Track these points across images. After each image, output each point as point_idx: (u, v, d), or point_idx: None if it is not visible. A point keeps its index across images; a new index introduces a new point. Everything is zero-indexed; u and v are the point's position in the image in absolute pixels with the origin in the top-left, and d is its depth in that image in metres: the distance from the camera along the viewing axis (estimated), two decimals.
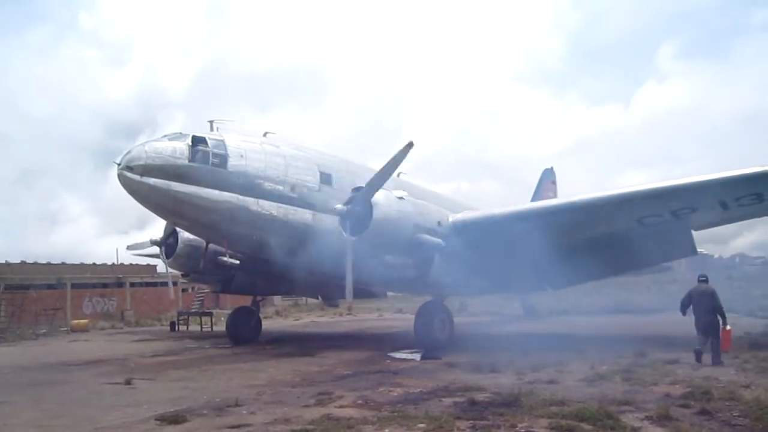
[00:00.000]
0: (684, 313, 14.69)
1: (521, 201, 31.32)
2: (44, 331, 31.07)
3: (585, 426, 7.78)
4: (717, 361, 13.35)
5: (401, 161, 15.77)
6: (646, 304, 38.10)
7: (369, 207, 15.58)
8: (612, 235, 17.87)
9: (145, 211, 18.01)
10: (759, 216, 17.90)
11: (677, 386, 10.61)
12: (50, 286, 39.56)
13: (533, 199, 35.15)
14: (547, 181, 38.52)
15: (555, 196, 35.91)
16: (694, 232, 17.93)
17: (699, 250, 19.21)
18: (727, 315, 14.04)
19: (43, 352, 22.06)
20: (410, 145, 15.34)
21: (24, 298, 34.94)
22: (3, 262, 41.70)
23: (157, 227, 23.16)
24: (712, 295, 14.09)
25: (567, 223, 17.31)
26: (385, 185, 17.38)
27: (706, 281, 14.55)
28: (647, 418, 8.20)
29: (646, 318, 28.81)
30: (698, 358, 13.45)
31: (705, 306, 13.98)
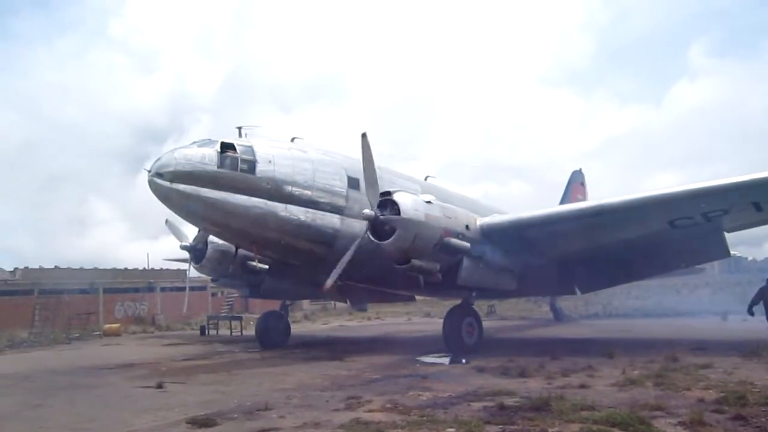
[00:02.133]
0: (751, 312, 17.29)
1: (549, 203, 31.16)
2: (77, 335, 31.57)
3: (616, 431, 7.70)
4: None
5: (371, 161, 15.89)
6: (678, 307, 37.57)
7: (396, 211, 15.60)
8: (642, 238, 17.67)
9: (174, 217, 18.24)
10: None
11: (711, 391, 10.43)
12: (83, 291, 40.16)
13: (562, 201, 34.90)
14: (576, 182, 38.21)
15: (584, 197, 35.63)
16: (726, 234, 17.67)
17: (732, 252, 18.94)
18: (761, 319, 14.15)
19: (76, 355, 22.42)
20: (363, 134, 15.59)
21: (57, 302, 35.52)
22: (37, 267, 42.52)
23: (188, 232, 23.42)
24: None
25: (596, 226, 17.18)
26: (413, 189, 17.43)
27: None
28: (680, 423, 8.08)
29: (677, 321, 28.38)
30: None
31: None
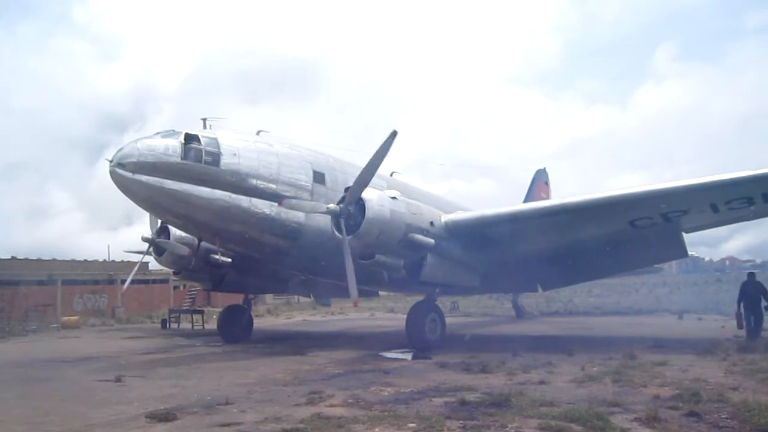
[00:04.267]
0: (740, 308, 18.76)
1: (515, 202, 31.44)
2: (34, 327, 30.94)
3: (575, 427, 7.82)
4: (756, 335, 17.76)
5: (387, 153, 15.52)
6: (636, 305, 38.31)
7: (361, 206, 15.60)
8: (603, 237, 17.99)
9: (133, 207, 17.95)
10: (749, 219, 18.08)
11: (666, 388, 10.66)
12: (41, 283, 39.37)
13: (526, 200, 35.27)
14: (540, 181, 38.63)
15: (548, 197, 36.07)
16: (685, 235, 18.07)
17: (690, 252, 19.36)
18: (715, 318, 14.54)
19: (33, 348, 21.97)
20: (394, 134, 15.10)
21: (14, 294, 34.77)
22: None
23: (146, 223, 23.08)
24: (760, 284, 19.00)
25: (558, 224, 17.41)
26: (378, 185, 17.42)
27: (754, 275, 19.72)
28: (636, 419, 8.24)
29: (636, 319, 28.93)
30: (740, 326, 18.50)
31: (754, 292, 18.81)
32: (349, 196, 15.84)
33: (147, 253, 23.19)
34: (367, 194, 15.76)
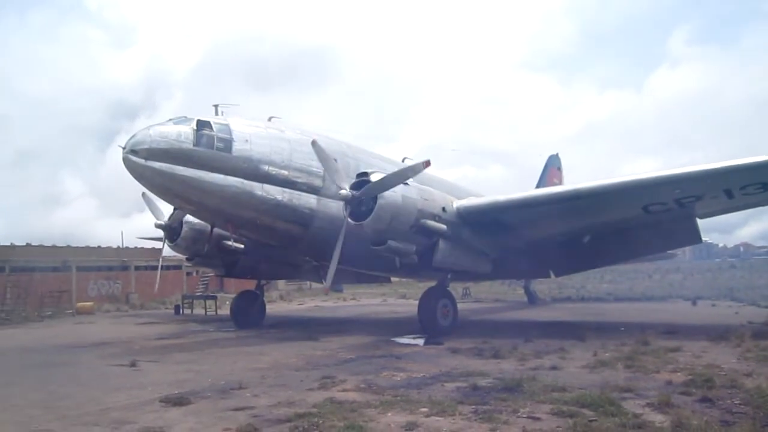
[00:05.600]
0: None
1: (527, 188, 31.33)
2: (50, 313, 31.27)
3: (586, 412, 7.81)
4: None
5: (415, 174, 15.86)
6: (649, 291, 38.16)
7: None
8: (616, 223, 17.90)
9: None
10: (764, 205, 17.92)
11: (679, 374, 10.63)
12: (55, 269, 39.71)
13: (538, 186, 35.08)
14: (553, 167, 38.39)
15: (560, 182, 35.86)
16: (699, 221, 17.95)
17: (704, 238, 19.22)
18: (729, 304, 14.35)
19: (48, 334, 22.21)
20: (427, 163, 15.39)
21: (29, 280, 35.10)
22: (8, 244, 41.85)
23: (164, 207, 23.15)
24: None
25: (571, 210, 17.33)
26: (390, 171, 17.42)
27: None
28: (649, 404, 8.22)
29: (649, 306, 28.81)
30: None
31: None
32: (367, 191, 15.71)
33: (164, 240, 23.28)
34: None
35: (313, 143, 16.14)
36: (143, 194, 21.85)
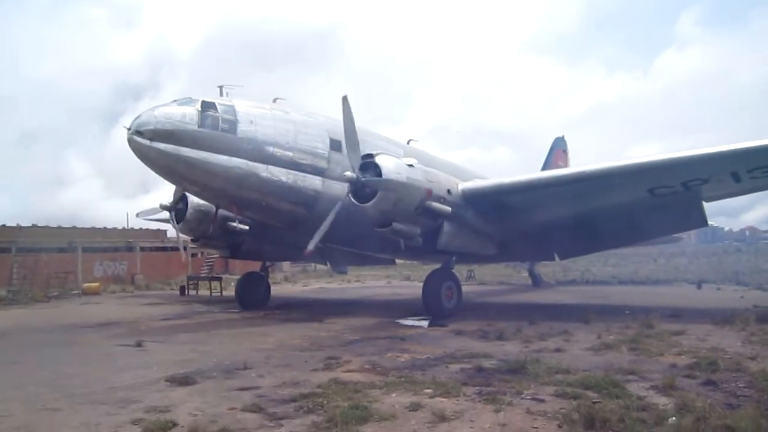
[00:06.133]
0: None
1: (533, 170, 31.20)
2: (56, 293, 31.43)
3: (590, 394, 7.84)
4: None
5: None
6: (654, 275, 38.13)
7: (378, 174, 15.55)
8: (622, 206, 17.80)
9: (149, 175, 18.01)
10: None
11: (683, 357, 10.64)
12: (61, 250, 39.86)
13: (543, 168, 34.96)
14: (558, 149, 38.23)
15: (566, 165, 35.71)
16: (705, 204, 17.85)
17: (710, 222, 19.12)
18: (734, 288, 14.26)
19: (55, 314, 22.35)
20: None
21: (36, 261, 35.25)
22: (14, 225, 42.02)
23: (165, 191, 23.21)
24: None
25: (577, 193, 17.25)
26: (395, 153, 17.38)
27: None
28: (653, 387, 8.24)
29: (653, 289, 28.81)
30: None
31: None
32: (367, 164, 15.72)
33: (170, 221, 23.31)
34: (384, 161, 15.70)
35: (344, 99, 15.87)
36: None
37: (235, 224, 19.46)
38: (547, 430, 6.53)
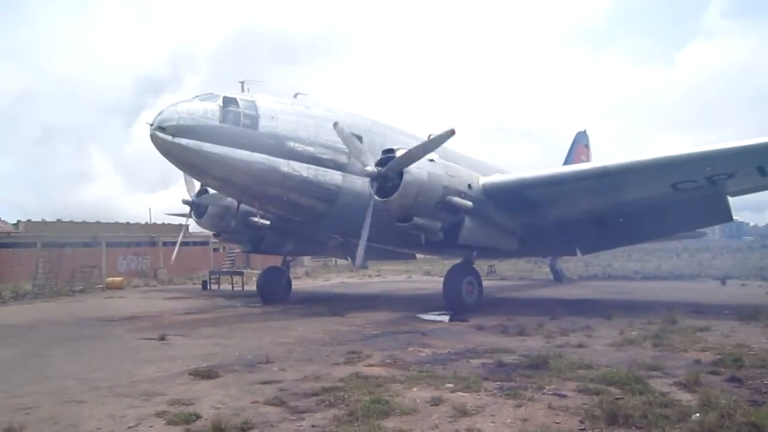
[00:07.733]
0: None
1: (555, 164, 31.01)
2: (80, 288, 31.83)
3: (613, 389, 7.78)
4: None
5: (439, 144, 15.79)
6: (677, 270, 37.73)
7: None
8: (645, 201, 17.63)
9: (170, 170, 18.15)
10: None
11: (708, 353, 10.53)
12: (86, 245, 40.36)
13: (565, 163, 34.70)
14: (580, 144, 37.93)
15: (588, 159, 35.44)
16: (730, 199, 17.62)
17: (734, 217, 18.88)
18: (759, 284, 14.05)
19: (79, 308, 22.63)
20: (452, 132, 15.24)
21: (60, 255, 35.69)
22: (39, 220, 42.60)
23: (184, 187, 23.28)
24: None
25: (599, 187, 17.12)
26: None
27: None
28: (676, 383, 8.16)
29: (677, 284, 28.50)
30: None
31: None
32: (392, 166, 15.71)
33: (188, 216, 23.54)
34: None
35: (335, 125, 16.20)
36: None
37: (256, 219, 19.58)
38: (568, 425, 6.49)
